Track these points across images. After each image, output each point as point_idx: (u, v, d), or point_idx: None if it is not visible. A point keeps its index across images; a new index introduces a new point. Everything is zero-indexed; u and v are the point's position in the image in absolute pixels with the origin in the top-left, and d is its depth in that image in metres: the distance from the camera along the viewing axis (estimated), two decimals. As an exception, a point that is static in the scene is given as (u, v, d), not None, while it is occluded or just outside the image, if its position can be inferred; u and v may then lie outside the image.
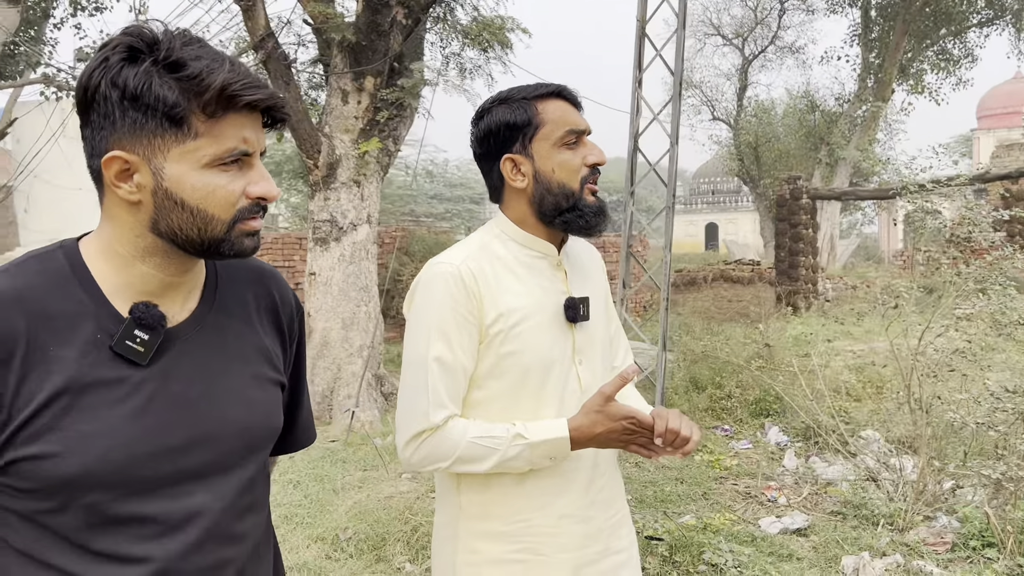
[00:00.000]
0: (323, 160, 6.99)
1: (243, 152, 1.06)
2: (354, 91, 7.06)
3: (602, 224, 1.65)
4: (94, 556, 1.05)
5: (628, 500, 4.12)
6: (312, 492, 4.98)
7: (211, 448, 1.12)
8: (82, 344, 1.05)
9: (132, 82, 1.01)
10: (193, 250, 1.09)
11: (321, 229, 7.09)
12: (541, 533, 1.59)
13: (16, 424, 1.01)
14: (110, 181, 1.05)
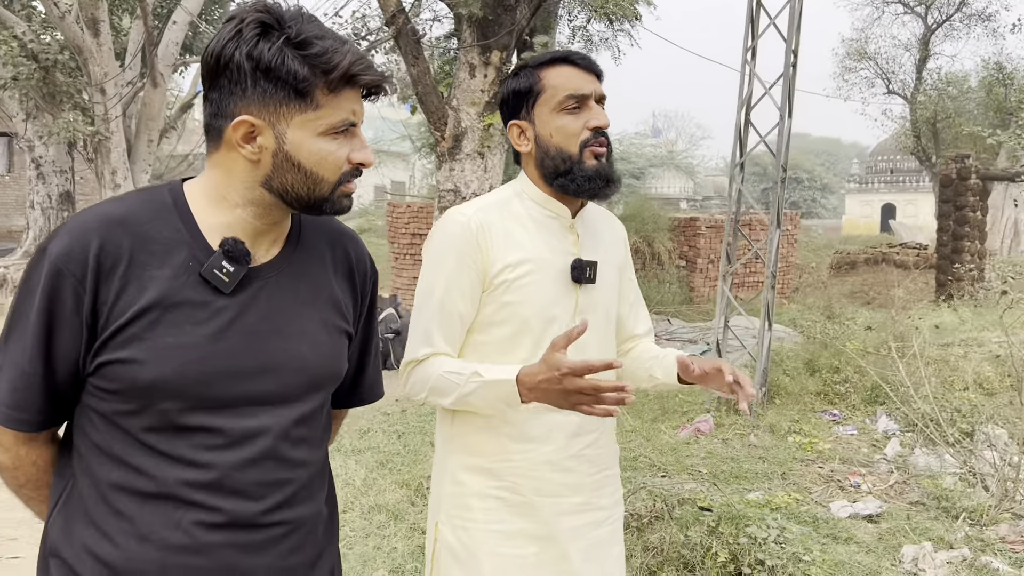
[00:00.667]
0: (449, 132, 7.28)
1: (351, 123, 1.20)
2: (481, 65, 7.28)
3: (601, 188, 1.69)
4: (161, 456, 1.17)
5: (704, 473, 4.12)
6: (412, 443, 5.31)
7: (275, 378, 1.23)
8: (175, 267, 1.17)
9: (267, 56, 1.13)
10: (298, 206, 1.22)
11: (445, 198, 7.41)
12: (521, 475, 1.69)
13: (111, 330, 1.14)
14: (235, 141, 1.18)
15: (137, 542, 1.17)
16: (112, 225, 1.15)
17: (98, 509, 1.19)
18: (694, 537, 3.32)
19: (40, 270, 1.14)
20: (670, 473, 4.34)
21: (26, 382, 1.16)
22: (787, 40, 5.29)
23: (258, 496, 1.22)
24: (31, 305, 1.14)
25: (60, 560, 1.21)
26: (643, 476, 4.22)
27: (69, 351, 1.16)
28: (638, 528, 3.63)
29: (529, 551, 1.69)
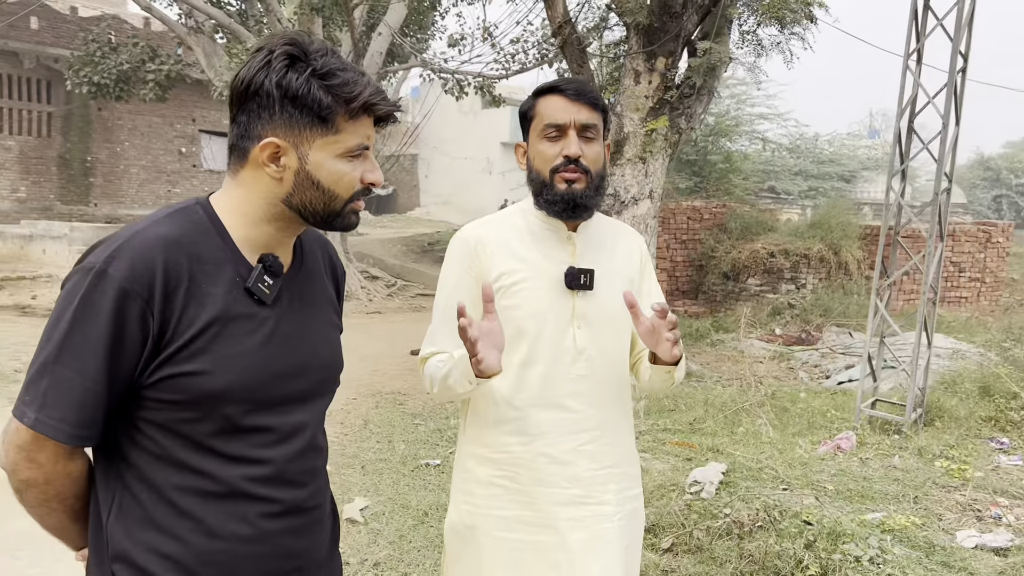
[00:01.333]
0: (611, 138, 7.44)
1: (365, 147, 1.32)
2: (645, 71, 7.38)
3: (567, 211, 1.83)
4: (224, 457, 1.27)
5: (829, 489, 4.02)
6: None
7: (308, 377, 1.37)
8: (226, 283, 1.27)
9: (295, 85, 1.24)
10: (313, 220, 1.33)
11: (604, 203, 7.58)
12: (521, 465, 1.84)
13: (177, 345, 1.22)
14: (261, 160, 1.28)
15: (207, 539, 1.26)
16: (171, 246, 1.23)
17: (160, 512, 1.26)
18: (788, 549, 3.31)
19: (104, 291, 1.18)
20: (792, 487, 4.28)
21: (92, 400, 1.20)
22: (954, 40, 4.97)
23: (304, 484, 1.36)
24: (95, 324, 1.18)
25: (127, 563, 1.26)
26: (761, 488, 4.20)
27: (129, 368, 1.21)
28: (739, 536, 3.66)
29: (525, 536, 1.83)
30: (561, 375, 1.85)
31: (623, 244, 2.00)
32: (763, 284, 11.87)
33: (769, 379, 7.96)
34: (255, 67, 1.27)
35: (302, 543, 1.37)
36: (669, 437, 5.28)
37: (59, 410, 1.18)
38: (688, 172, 25.37)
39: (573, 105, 1.84)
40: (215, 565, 1.27)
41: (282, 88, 1.25)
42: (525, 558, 1.83)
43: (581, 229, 1.92)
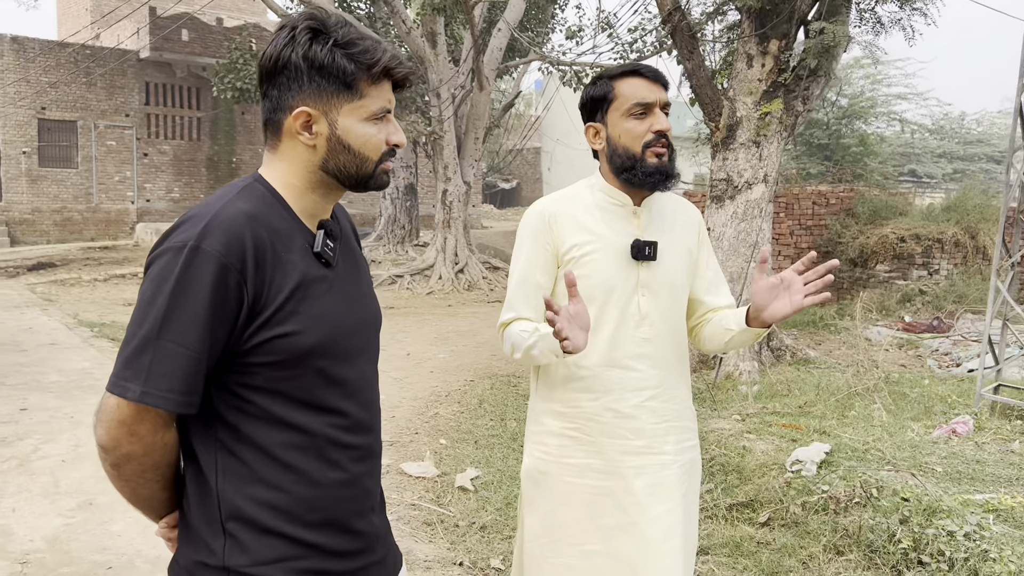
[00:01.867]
0: (723, 122, 7.44)
1: (388, 110, 1.39)
2: (758, 54, 7.32)
3: (661, 182, 2.00)
4: (315, 410, 1.36)
5: (937, 471, 3.98)
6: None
7: (366, 330, 1.48)
8: (299, 251, 1.35)
9: (320, 55, 1.32)
10: (348, 184, 1.40)
11: (717, 187, 7.58)
12: (589, 418, 2.03)
13: (271, 310, 1.29)
14: (295, 130, 1.35)
15: (309, 487, 1.36)
16: (252, 221, 1.30)
17: (266, 468, 1.34)
18: (881, 523, 3.34)
19: (201, 266, 1.24)
20: (898, 468, 4.24)
21: (196, 368, 1.26)
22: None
23: (372, 429, 1.48)
24: (195, 298, 1.24)
25: (241, 519, 1.33)
26: (864, 468, 4.19)
27: (225, 336, 1.28)
28: (835, 511, 3.70)
29: (594, 482, 2.02)
30: (626, 338, 2.02)
31: (682, 217, 2.15)
32: (892, 270, 11.45)
33: (895, 366, 7.75)
34: (281, 43, 1.35)
35: (373, 483, 1.50)
36: (777, 420, 5.30)
37: (166, 381, 1.24)
38: (819, 156, 24.54)
39: (655, 86, 2.01)
40: (318, 510, 1.37)
41: (308, 59, 1.33)
42: (594, 500, 2.01)
43: (645, 204, 2.07)
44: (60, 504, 4.24)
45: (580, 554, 2.02)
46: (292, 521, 1.35)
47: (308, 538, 1.36)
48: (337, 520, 1.40)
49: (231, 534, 1.33)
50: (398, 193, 16.51)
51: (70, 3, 28.68)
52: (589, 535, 2.01)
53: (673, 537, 1.99)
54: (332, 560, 1.39)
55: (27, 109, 21.45)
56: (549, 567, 2.04)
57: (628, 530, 1.99)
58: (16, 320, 10.32)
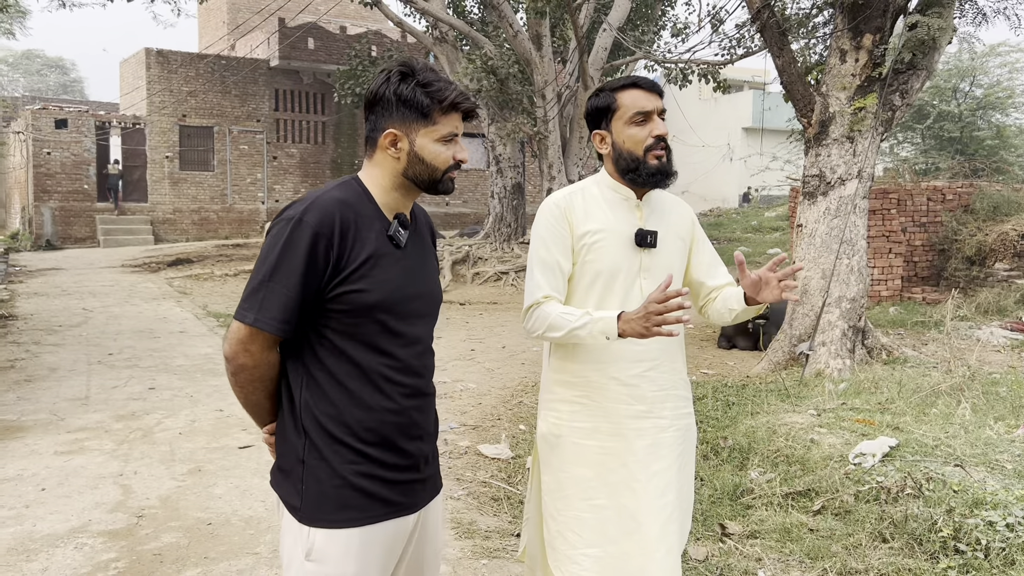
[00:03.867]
0: (816, 118, 7.38)
1: (455, 134, 1.82)
2: (852, 49, 7.23)
3: (661, 181, 2.26)
4: (374, 352, 1.77)
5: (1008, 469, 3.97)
6: (718, 409, 5.77)
7: (424, 300, 1.89)
8: (376, 232, 1.78)
9: (406, 92, 1.77)
10: (423, 187, 1.84)
11: (810, 184, 7.52)
12: (595, 387, 2.28)
13: (348, 271, 1.72)
14: (384, 146, 1.80)
15: (364, 410, 1.76)
16: (343, 205, 1.74)
17: (335, 391, 1.75)
18: (924, 512, 3.39)
19: (303, 232, 1.68)
20: (966, 464, 4.21)
21: (293, 305, 1.69)
22: None
23: (422, 375, 1.88)
24: (296, 254, 1.67)
25: (317, 428, 1.75)
26: (928, 462, 4.19)
27: (315, 285, 1.70)
28: (885, 500, 3.75)
29: (600, 443, 2.27)
30: None
31: (677, 212, 2.40)
32: (1013, 269, 10.91)
33: (1004, 368, 7.47)
34: (379, 83, 1.82)
35: (423, 417, 1.88)
36: (852, 415, 5.30)
37: (271, 312, 1.68)
38: (950, 150, 23.35)
39: (652, 95, 2.27)
40: (371, 430, 1.77)
41: (397, 95, 1.78)
42: (601, 459, 2.27)
43: (646, 198, 2.32)
44: (174, 469, 4.78)
45: (589, 507, 2.27)
46: (351, 434, 1.75)
47: (364, 449, 1.76)
48: (388, 439, 1.79)
49: (309, 435, 1.76)
50: (505, 192, 16.92)
51: (210, 17, 30.68)
52: (597, 490, 2.27)
53: (668, 493, 2.25)
54: (383, 469, 1.79)
55: (170, 116, 23.17)
56: (563, 518, 2.30)
57: (631, 485, 2.24)
58: (153, 310, 11.32)
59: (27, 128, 22.18)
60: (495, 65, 14.28)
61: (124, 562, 3.57)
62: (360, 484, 1.76)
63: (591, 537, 2.26)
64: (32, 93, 41.70)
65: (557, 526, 2.32)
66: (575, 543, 2.27)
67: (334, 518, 1.74)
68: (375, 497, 1.77)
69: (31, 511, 4.13)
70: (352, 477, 1.75)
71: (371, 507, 1.77)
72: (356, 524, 1.75)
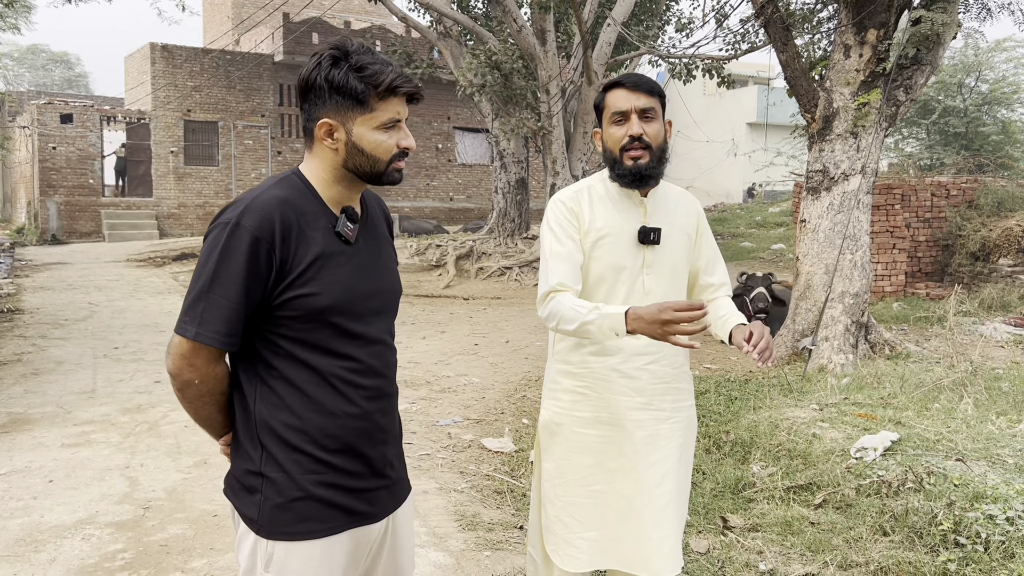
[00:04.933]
0: (820, 113, 7.39)
1: (396, 120, 1.69)
2: (856, 44, 7.23)
3: (635, 182, 2.26)
4: (331, 356, 1.68)
5: (1009, 463, 3.98)
6: (721, 404, 5.79)
7: (381, 297, 1.79)
8: (322, 229, 1.67)
9: (337, 78, 1.64)
10: (365, 179, 1.72)
11: (813, 179, 7.53)
12: (597, 377, 2.32)
13: (295, 274, 1.62)
14: (320, 136, 1.68)
15: (326, 416, 1.68)
16: (283, 204, 1.64)
17: (293, 398, 1.67)
18: (925, 506, 3.41)
19: (240, 238, 1.58)
20: (967, 458, 4.23)
21: (235, 316, 1.60)
22: None
23: (384, 375, 1.78)
24: (235, 261, 1.58)
25: (274, 439, 1.67)
26: (929, 456, 4.21)
27: (259, 293, 1.61)
28: (886, 494, 3.78)
29: (600, 432, 2.31)
30: None
31: (683, 207, 2.42)
32: (1017, 264, 10.90)
33: (1007, 363, 7.48)
34: (310, 68, 1.68)
35: (387, 420, 1.80)
36: (854, 410, 5.32)
37: (213, 325, 1.59)
38: (956, 146, 23.29)
39: (633, 94, 2.26)
40: (333, 436, 1.69)
41: (328, 81, 1.65)
42: (601, 448, 2.31)
43: (651, 195, 2.35)
44: (180, 462, 4.82)
45: (588, 493, 2.32)
46: (312, 442, 1.67)
47: (325, 457, 1.69)
48: (351, 446, 1.72)
49: (266, 447, 1.67)
50: (509, 188, 16.92)
51: (215, 12, 30.71)
52: (596, 477, 2.31)
53: (666, 482, 2.28)
54: (346, 478, 1.71)
55: (174, 112, 23.21)
56: (561, 504, 2.35)
57: (629, 474, 2.28)
58: (159, 305, 11.37)
59: (32, 123, 22.24)
60: (499, 60, 14.27)
61: (131, 553, 3.61)
62: (321, 494, 1.68)
63: (589, 521, 2.31)
64: (37, 88, 41.76)
65: (555, 511, 2.36)
66: (573, 527, 2.32)
67: (294, 530, 1.67)
68: (338, 507, 1.70)
69: (39, 502, 4.17)
70: (313, 488, 1.67)
71: (333, 518, 1.70)
72: (317, 536, 1.68)
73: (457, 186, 27.46)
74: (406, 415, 5.90)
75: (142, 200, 23.27)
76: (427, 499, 4.28)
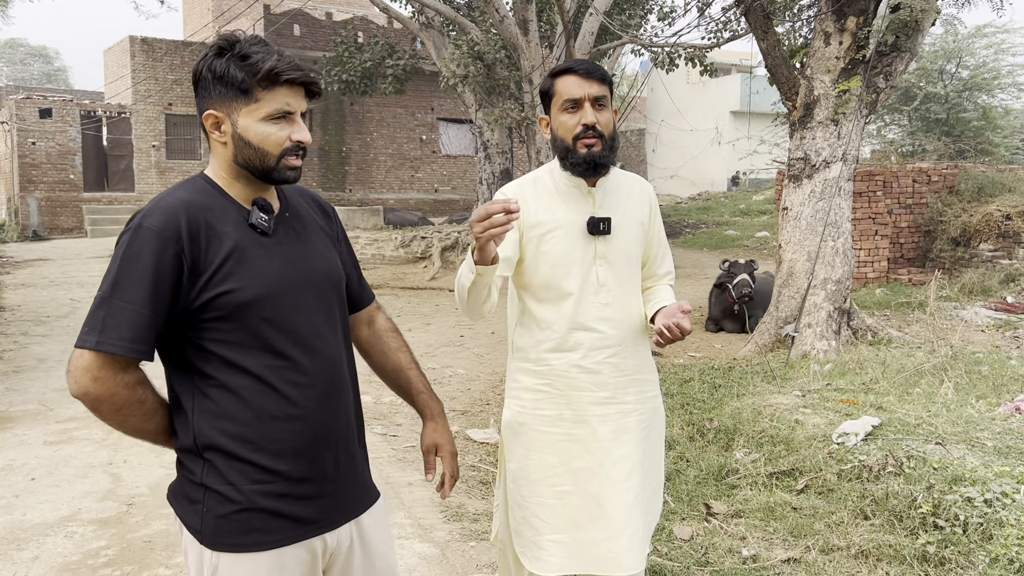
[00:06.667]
0: (800, 101, 7.41)
1: (286, 112, 1.60)
2: (836, 32, 7.26)
3: (589, 170, 2.21)
4: (266, 355, 1.59)
5: (988, 447, 4.02)
6: (704, 391, 5.83)
7: (314, 289, 1.68)
8: (233, 224, 1.60)
9: (219, 67, 1.58)
10: (257, 175, 1.63)
11: (795, 167, 7.56)
12: (557, 374, 2.28)
13: (210, 272, 1.54)
14: (209, 130, 1.61)
15: (268, 421, 1.59)
16: (188, 204, 1.58)
17: (232, 406, 1.57)
18: (904, 489, 3.45)
19: (144, 239, 1.52)
20: (946, 442, 4.28)
21: (142, 321, 1.50)
22: None
23: (329, 371, 1.68)
24: (139, 264, 1.51)
25: (214, 449, 1.57)
26: (909, 441, 4.25)
27: (170, 296, 1.53)
28: (867, 479, 3.81)
29: (564, 430, 2.27)
30: (588, 303, 2.26)
31: (636, 193, 2.36)
32: (997, 249, 11.00)
33: (987, 348, 7.55)
34: (198, 60, 1.63)
35: (338, 421, 1.70)
36: (837, 396, 5.36)
37: (116, 331, 1.49)
38: (937, 132, 23.43)
39: (586, 82, 2.19)
40: (277, 441, 1.60)
41: (212, 71, 1.59)
42: (565, 446, 2.28)
43: (599, 184, 2.28)
44: (163, 458, 4.79)
45: (554, 494, 2.28)
46: (256, 450, 1.58)
47: (271, 464, 1.59)
48: (297, 450, 1.62)
49: (207, 459, 1.58)
50: (494, 179, 16.90)
51: (195, 3, 30.43)
52: (562, 477, 2.28)
53: (633, 476, 2.26)
54: (294, 485, 1.62)
55: (155, 105, 23.01)
56: (528, 505, 2.31)
57: (596, 471, 2.25)
58: (142, 300, 11.28)
59: (11, 118, 22.00)
60: (482, 51, 14.24)
61: (114, 549, 3.60)
62: (267, 505, 1.59)
63: (556, 523, 2.27)
64: (16, 83, 41.32)
65: (523, 513, 2.32)
66: (541, 529, 2.28)
67: (239, 542, 1.59)
68: (286, 517, 1.61)
69: (21, 500, 4.15)
70: (258, 498, 1.58)
71: (281, 528, 1.61)
72: (264, 548, 1.59)
73: (442, 177, 27.39)
74: (391, 408, 5.90)
75: (124, 195, 23.08)
76: (412, 491, 4.29)
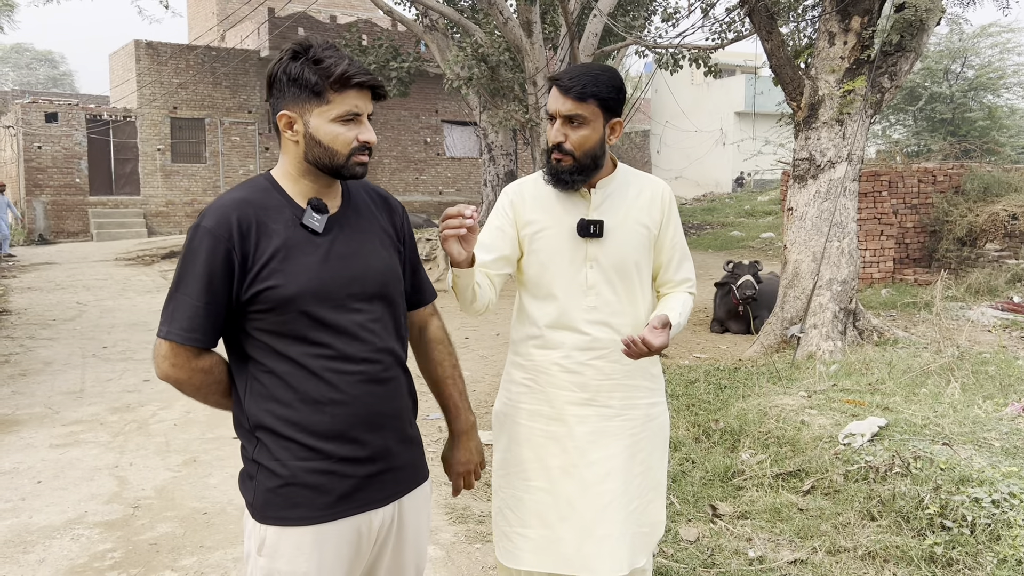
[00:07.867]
0: (805, 101, 7.40)
1: (355, 113, 1.72)
2: (840, 32, 7.24)
3: (557, 183, 2.24)
4: (309, 344, 1.70)
5: (995, 447, 4.02)
6: (710, 392, 5.81)
7: (361, 284, 1.77)
8: (285, 222, 1.72)
9: (294, 70, 1.69)
10: (326, 172, 1.75)
11: (800, 167, 7.54)
12: (540, 370, 2.30)
13: (258, 268, 1.67)
14: (282, 129, 1.72)
15: (312, 404, 1.70)
16: (241, 203, 1.71)
17: (279, 390, 1.70)
18: (911, 490, 3.43)
19: (200, 239, 1.66)
20: (953, 442, 4.26)
21: (199, 313, 1.66)
22: None
23: (375, 361, 1.76)
24: (197, 261, 1.66)
25: (263, 428, 1.71)
26: (916, 441, 4.24)
27: (224, 289, 1.67)
28: (873, 479, 3.80)
29: (542, 426, 2.29)
30: (575, 305, 2.26)
31: (646, 195, 2.33)
32: (1003, 249, 10.97)
33: (994, 348, 7.52)
34: (273, 64, 1.75)
35: (383, 403, 1.78)
36: (843, 397, 5.34)
37: (179, 323, 1.67)
38: (942, 132, 23.38)
39: (561, 97, 2.18)
40: (323, 423, 1.70)
41: (287, 74, 1.70)
42: (543, 443, 2.29)
43: (599, 186, 2.28)
44: (169, 460, 4.81)
45: (527, 488, 2.30)
46: (300, 430, 1.70)
47: (315, 444, 1.71)
48: (343, 432, 1.72)
49: (258, 438, 1.72)
50: (498, 180, 16.90)
51: (199, 7, 30.51)
52: (536, 473, 2.30)
53: (609, 480, 2.24)
54: (339, 464, 1.72)
55: (160, 109, 23.08)
56: (503, 495, 2.36)
57: (570, 471, 2.25)
58: (147, 303, 11.33)
59: (17, 122, 22.08)
60: (486, 53, 14.24)
61: (120, 552, 3.60)
62: (311, 480, 1.70)
63: (527, 518, 2.30)
64: (22, 87, 41.44)
65: (498, 502, 2.38)
66: (511, 521, 2.33)
67: (284, 515, 1.70)
68: (329, 493, 1.72)
69: (27, 503, 4.16)
70: (303, 474, 1.70)
71: (326, 505, 1.71)
72: (307, 523, 1.70)
73: (446, 180, 27.41)
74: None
75: (130, 199, 23.15)
76: (417, 493, 4.28)
